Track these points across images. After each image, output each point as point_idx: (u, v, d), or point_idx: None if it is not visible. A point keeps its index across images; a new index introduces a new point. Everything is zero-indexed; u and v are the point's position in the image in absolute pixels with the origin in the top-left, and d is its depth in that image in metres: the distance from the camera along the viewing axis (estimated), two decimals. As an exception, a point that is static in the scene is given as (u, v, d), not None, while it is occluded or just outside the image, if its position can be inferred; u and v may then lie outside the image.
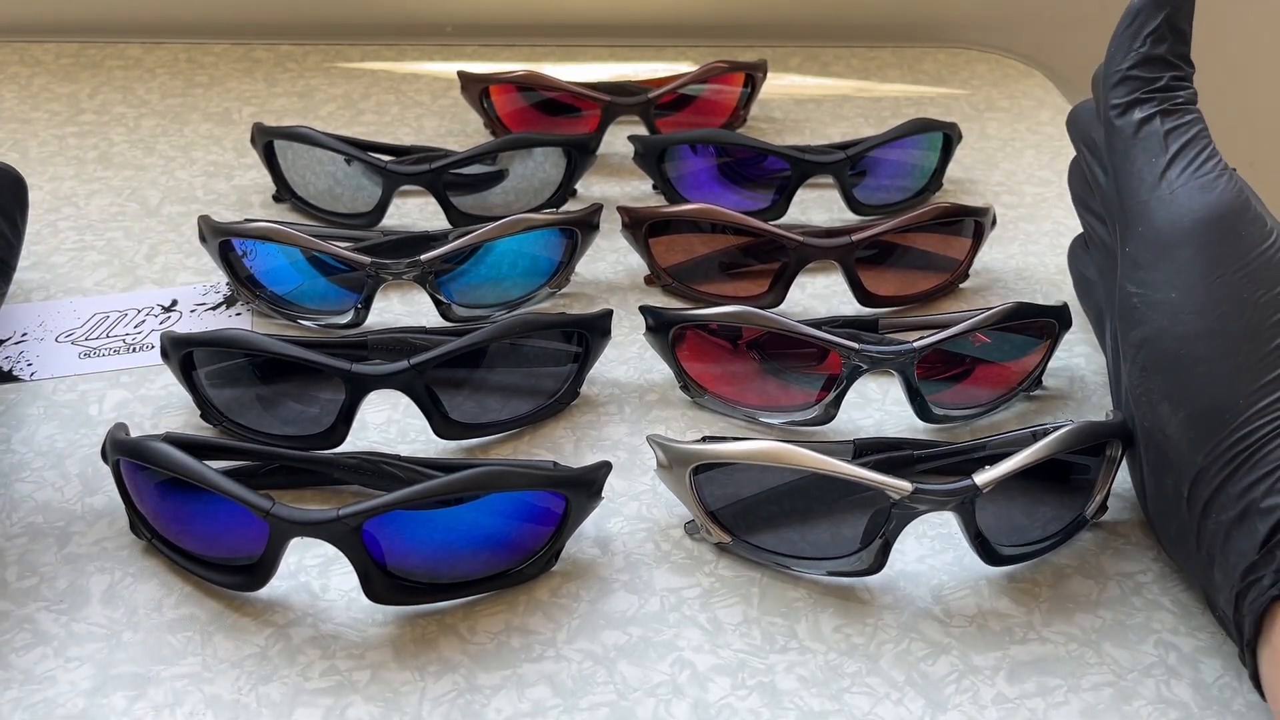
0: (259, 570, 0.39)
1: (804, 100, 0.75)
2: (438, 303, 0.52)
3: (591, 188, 0.64)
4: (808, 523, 0.42)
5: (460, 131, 0.69)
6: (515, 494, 0.40)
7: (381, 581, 0.39)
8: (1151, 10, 0.42)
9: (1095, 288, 0.50)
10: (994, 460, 0.40)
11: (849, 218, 0.62)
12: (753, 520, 0.42)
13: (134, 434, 0.41)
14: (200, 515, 0.40)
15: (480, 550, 0.40)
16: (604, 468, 0.42)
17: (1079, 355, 0.53)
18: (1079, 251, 0.53)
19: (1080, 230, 0.52)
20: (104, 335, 0.52)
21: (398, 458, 0.44)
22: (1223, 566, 0.37)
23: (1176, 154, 0.41)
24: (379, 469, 0.43)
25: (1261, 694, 0.37)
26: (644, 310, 0.49)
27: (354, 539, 0.38)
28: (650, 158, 0.61)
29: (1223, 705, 0.38)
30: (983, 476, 0.40)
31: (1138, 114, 0.42)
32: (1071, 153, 0.50)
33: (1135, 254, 0.41)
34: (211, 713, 0.36)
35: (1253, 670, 0.37)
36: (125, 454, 0.40)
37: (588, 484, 0.41)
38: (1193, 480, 0.38)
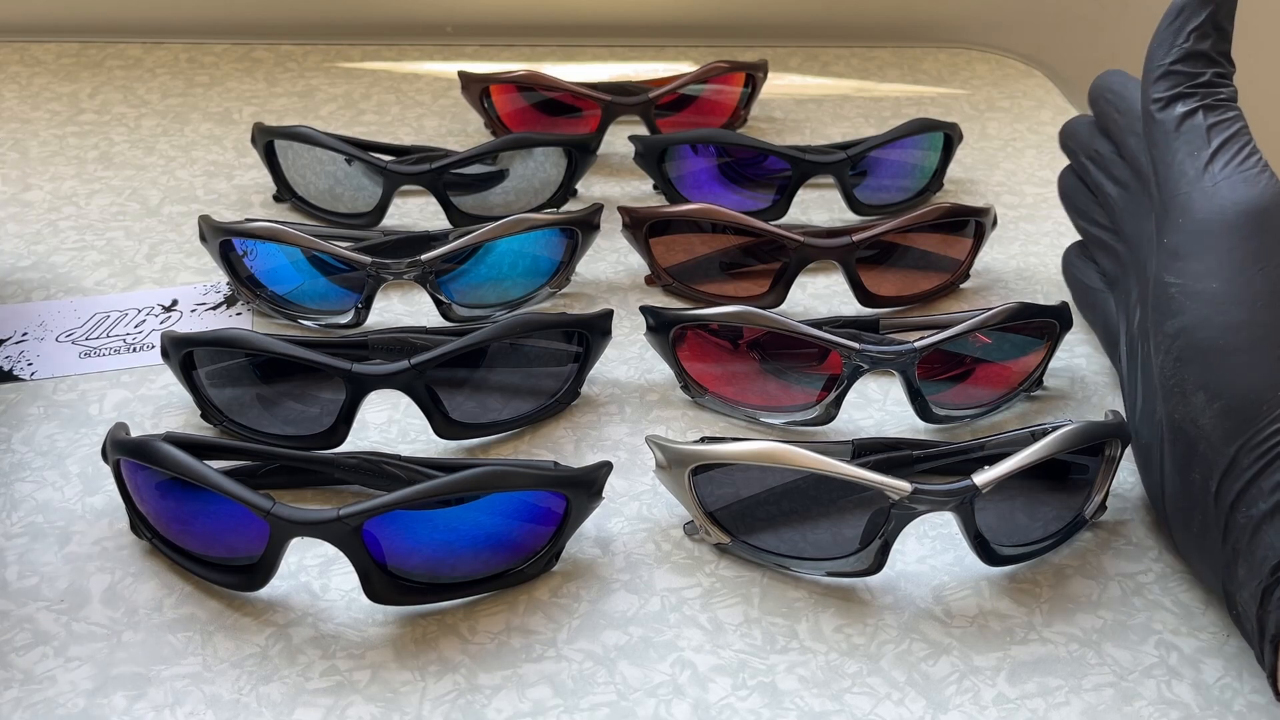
0: (259, 570, 0.39)
1: (804, 100, 0.75)
2: (438, 303, 0.52)
3: (592, 188, 0.64)
4: (807, 523, 0.42)
5: (460, 131, 0.69)
6: (516, 494, 0.40)
7: (382, 581, 0.39)
8: (1196, 6, 0.42)
9: (1102, 296, 0.49)
10: (993, 460, 0.40)
11: (850, 218, 0.62)
12: (752, 521, 0.42)
13: (134, 434, 0.41)
14: (200, 515, 0.40)
15: (481, 550, 0.40)
16: (604, 468, 0.42)
17: (1080, 355, 0.53)
18: (1076, 260, 0.53)
19: (1074, 239, 0.52)
20: (104, 335, 0.52)
21: (398, 458, 0.44)
22: (1249, 561, 0.37)
23: (1219, 148, 0.41)
24: (379, 469, 0.43)
25: (1276, 692, 0.37)
26: (644, 310, 0.49)
27: (354, 539, 0.38)
28: (651, 158, 0.61)
29: (1224, 706, 0.38)
30: (982, 477, 0.39)
31: (1180, 108, 0.42)
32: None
33: (1174, 245, 0.41)
34: (211, 713, 0.36)
35: (1271, 667, 0.36)
36: (126, 454, 0.40)
37: (588, 484, 0.41)
38: (1223, 473, 0.38)
